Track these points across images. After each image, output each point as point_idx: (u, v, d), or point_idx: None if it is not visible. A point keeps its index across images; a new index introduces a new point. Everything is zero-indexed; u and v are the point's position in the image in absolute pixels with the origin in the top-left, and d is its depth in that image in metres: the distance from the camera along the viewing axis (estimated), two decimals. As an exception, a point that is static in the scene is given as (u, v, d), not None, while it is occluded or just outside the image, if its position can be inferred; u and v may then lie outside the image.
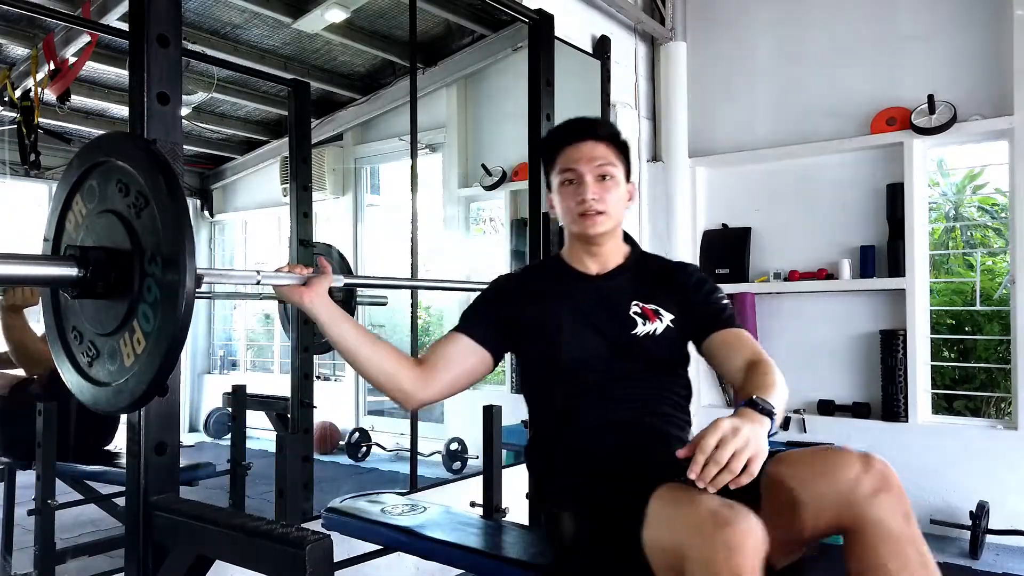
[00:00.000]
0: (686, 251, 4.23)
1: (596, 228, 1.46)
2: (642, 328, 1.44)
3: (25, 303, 2.39)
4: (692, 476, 1.07)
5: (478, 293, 1.63)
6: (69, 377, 1.30)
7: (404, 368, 1.44)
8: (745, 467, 1.05)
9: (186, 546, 1.29)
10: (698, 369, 4.02)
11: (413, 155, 3.06)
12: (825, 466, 1.14)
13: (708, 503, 1.06)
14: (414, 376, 1.44)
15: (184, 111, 4.43)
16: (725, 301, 1.50)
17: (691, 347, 1.53)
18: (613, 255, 1.54)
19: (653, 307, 1.46)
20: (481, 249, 5.14)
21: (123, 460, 2.51)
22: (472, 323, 1.53)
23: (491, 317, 1.53)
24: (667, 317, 1.45)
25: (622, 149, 1.52)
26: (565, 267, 1.56)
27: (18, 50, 3.96)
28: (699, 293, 1.49)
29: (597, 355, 1.43)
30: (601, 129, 1.51)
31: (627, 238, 1.60)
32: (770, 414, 1.16)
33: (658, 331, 1.44)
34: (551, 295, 1.51)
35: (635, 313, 1.45)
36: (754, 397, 1.19)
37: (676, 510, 1.11)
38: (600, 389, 1.42)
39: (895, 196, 3.71)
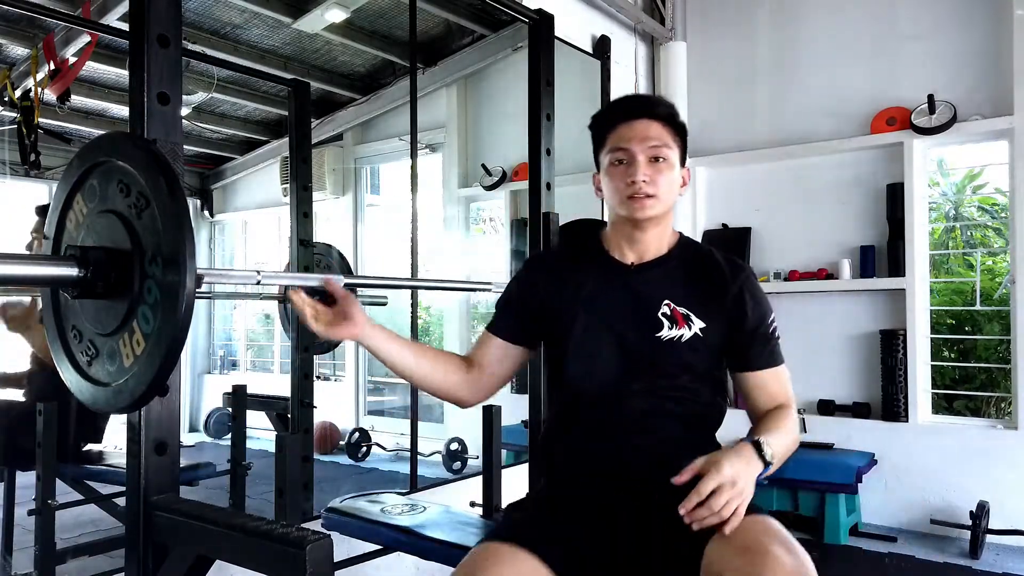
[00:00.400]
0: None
1: (645, 212, 1.36)
2: (667, 332, 1.35)
3: (26, 318, 2.39)
4: (682, 512, 1.11)
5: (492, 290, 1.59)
6: (68, 376, 1.30)
7: (458, 375, 1.45)
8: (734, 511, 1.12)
9: (186, 546, 1.28)
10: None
11: (413, 155, 3.05)
12: (748, 571, 1.07)
13: (484, 552, 1.18)
14: (467, 382, 1.46)
15: (184, 111, 4.43)
16: (773, 328, 1.41)
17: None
18: (655, 244, 1.42)
19: (684, 311, 1.36)
20: (481, 249, 5.15)
21: (112, 460, 2.52)
22: (501, 322, 1.50)
23: (518, 312, 1.48)
24: (697, 325, 1.35)
25: (679, 131, 1.43)
26: (602, 253, 1.46)
27: (18, 50, 3.95)
28: (751, 319, 1.38)
29: (606, 357, 1.37)
30: (658, 108, 1.41)
31: None
32: (767, 463, 1.19)
33: (684, 338, 1.35)
34: (578, 285, 1.43)
35: (664, 315, 1.36)
36: (760, 441, 1.21)
37: (479, 542, 1.23)
38: (604, 393, 1.37)
39: (895, 196, 3.71)
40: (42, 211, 2.39)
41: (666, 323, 1.35)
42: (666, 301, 1.37)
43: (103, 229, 1.22)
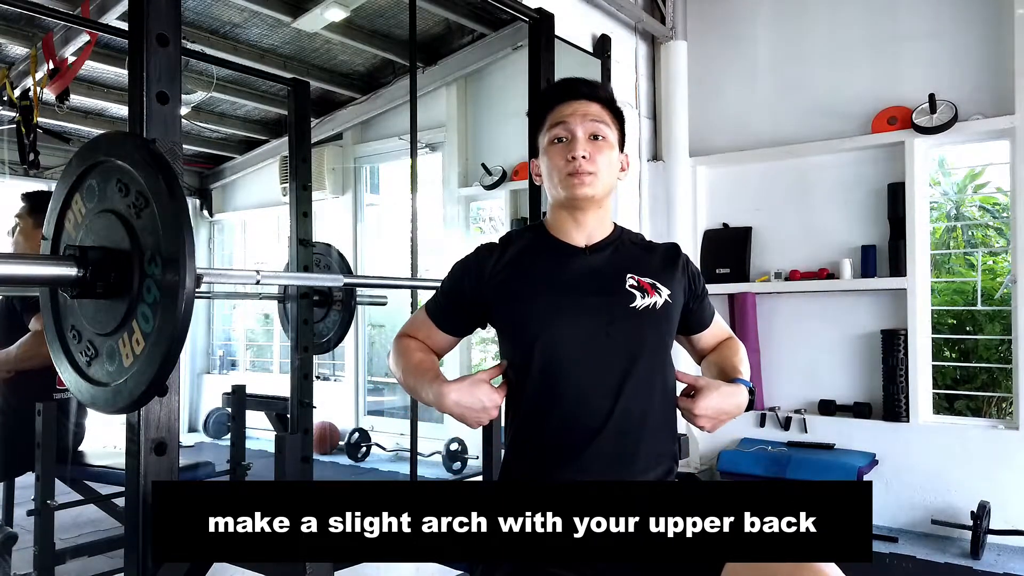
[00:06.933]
0: (687, 250, 4.20)
1: (584, 189, 1.33)
2: (641, 301, 1.33)
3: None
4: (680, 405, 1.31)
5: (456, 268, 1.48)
6: (67, 376, 1.29)
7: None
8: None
9: (186, 547, 1.28)
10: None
11: (413, 154, 3.05)
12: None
13: None
14: None
15: (183, 110, 4.42)
16: (707, 292, 1.53)
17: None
18: (599, 227, 1.41)
19: (650, 280, 1.36)
20: (481, 249, 5.13)
21: (112, 460, 2.51)
22: (453, 320, 1.46)
23: (470, 311, 1.44)
24: (664, 292, 1.36)
25: (618, 115, 1.42)
26: (550, 239, 1.42)
27: (17, 49, 3.95)
28: (699, 286, 1.46)
29: (586, 337, 1.31)
30: (598, 90, 1.42)
31: None
32: (751, 401, 1.35)
33: (658, 305, 1.34)
34: (536, 271, 1.38)
35: (632, 287, 1.35)
36: (751, 386, 1.35)
37: None
38: (581, 380, 1.31)
39: (896, 195, 3.70)
40: (29, 197, 2.34)
41: (637, 294, 1.35)
42: (629, 274, 1.37)
43: (102, 229, 1.22)
